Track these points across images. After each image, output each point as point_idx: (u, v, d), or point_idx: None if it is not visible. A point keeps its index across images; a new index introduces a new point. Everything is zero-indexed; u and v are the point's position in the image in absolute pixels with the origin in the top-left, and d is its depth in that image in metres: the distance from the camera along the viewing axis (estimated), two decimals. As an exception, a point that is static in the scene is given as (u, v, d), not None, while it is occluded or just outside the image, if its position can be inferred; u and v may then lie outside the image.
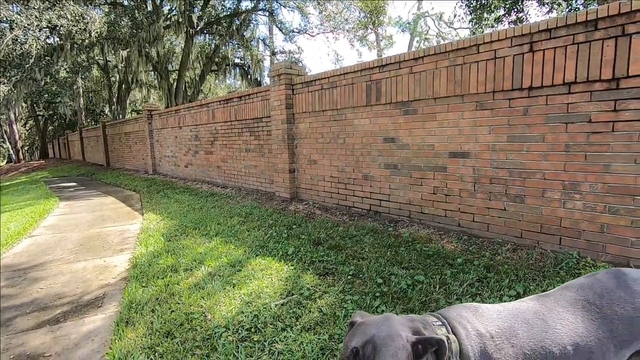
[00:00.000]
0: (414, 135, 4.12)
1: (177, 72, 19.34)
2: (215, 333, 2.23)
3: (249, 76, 20.26)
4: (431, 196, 4.04)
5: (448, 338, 0.86)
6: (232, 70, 21.04)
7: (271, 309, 2.44)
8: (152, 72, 20.49)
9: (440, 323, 0.91)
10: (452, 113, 3.74)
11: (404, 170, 4.28)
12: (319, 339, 2.07)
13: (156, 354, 2.07)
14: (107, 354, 2.13)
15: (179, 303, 2.64)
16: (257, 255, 3.44)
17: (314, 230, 4.13)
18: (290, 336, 2.13)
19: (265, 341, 2.11)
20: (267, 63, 22.16)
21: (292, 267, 3.09)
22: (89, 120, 25.30)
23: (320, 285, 2.74)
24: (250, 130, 6.90)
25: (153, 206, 6.23)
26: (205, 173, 8.69)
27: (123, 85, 21.33)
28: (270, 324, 2.27)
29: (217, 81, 26.39)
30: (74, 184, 11.35)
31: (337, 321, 2.23)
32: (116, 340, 2.23)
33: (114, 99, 22.31)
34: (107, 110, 24.93)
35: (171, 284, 2.95)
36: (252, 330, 2.25)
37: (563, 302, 0.96)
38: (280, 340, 2.11)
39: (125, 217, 5.86)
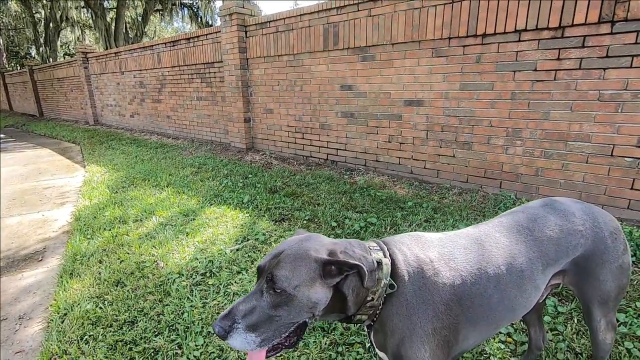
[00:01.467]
0: (371, 83, 4.07)
1: (114, 10, 17.16)
2: (168, 279, 2.20)
3: (198, 18, 18.58)
4: (386, 144, 4.11)
5: (380, 261, 0.90)
6: (180, 11, 19.13)
7: (226, 254, 2.44)
8: (85, 9, 18.02)
9: (379, 248, 0.94)
10: (408, 60, 3.71)
11: (360, 118, 4.27)
12: (273, 279, 2.12)
13: (105, 303, 2.01)
14: (51, 305, 2.04)
15: (128, 253, 2.55)
16: (211, 205, 3.37)
17: (270, 179, 4.09)
18: (246, 278, 2.16)
19: (220, 284, 2.12)
20: (219, 4, 20.31)
21: (248, 215, 3.08)
22: (12, 63, 22.18)
23: (276, 230, 2.77)
24: (201, 77, 6.43)
25: (96, 158, 5.78)
26: (154, 123, 8.13)
27: (51, 24, 18.66)
28: (226, 269, 2.27)
29: (163, 23, 23.98)
30: (1, 135, 10.15)
31: (291, 262, 2.29)
32: (60, 292, 2.13)
33: (41, 40, 19.56)
34: (33, 52, 21.91)
35: (119, 235, 2.83)
36: (207, 274, 2.25)
37: (499, 228, 1.03)
38: (235, 282, 2.13)
39: (64, 169, 5.40)
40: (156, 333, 1.77)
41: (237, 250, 2.49)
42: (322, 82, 4.56)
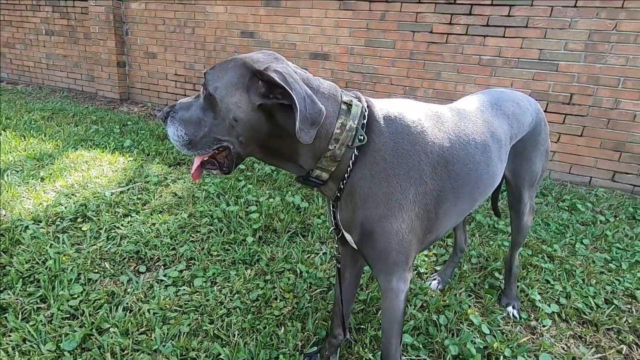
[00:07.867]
0: (276, 32, 3.82)
1: None
2: (16, 227, 1.60)
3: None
4: (290, 99, 3.95)
5: (350, 103, 0.74)
6: None
7: (105, 197, 1.92)
8: None
9: (356, 97, 0.79)
10: (316, 10, 3.58)
11: (262, 70, 3.98)
12: (176, 218, 1.76)
13: None
14: None
15: (-59, 201, 1.77)
16: (76, 149, 2.65)
17: (157, 126, 3.47)
18: (137, 220, 1.73)
19: (100, 228, 1.65)
20: None
21: (132, 159, 2.52)
22: None
23: (171, 173, 2.33)
24: (52, 4, 5.02)
25: None
26: (-23, 63, 6.07)
27: None
28: (107, 212, 1.78)
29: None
30: None
31: (197, 201, 1.95)
32: None
33: None
34: None
35: None
36: (79, 220, 1.72)
37: (475, 103, 1.00)
38: (122, 225, 1.69)
39: None
40: (1, 289, 1.25)
41: (122, 192, 2.00)
42: (220, 26, 4.07)
